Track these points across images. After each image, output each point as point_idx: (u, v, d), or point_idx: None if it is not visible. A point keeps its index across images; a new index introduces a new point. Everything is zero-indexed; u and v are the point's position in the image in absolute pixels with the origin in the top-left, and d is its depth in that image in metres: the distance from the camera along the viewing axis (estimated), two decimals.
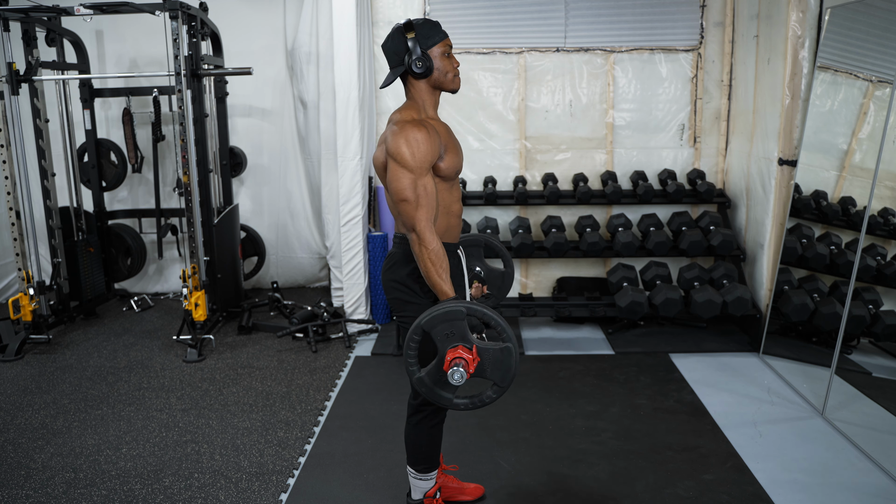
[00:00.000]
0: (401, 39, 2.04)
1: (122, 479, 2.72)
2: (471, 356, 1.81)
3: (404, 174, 1.96)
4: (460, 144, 2.17)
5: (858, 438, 2.91)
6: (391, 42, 2.06)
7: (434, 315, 1.82)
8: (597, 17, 4.69)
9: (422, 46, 2.03)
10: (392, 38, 2.06)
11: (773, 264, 3.94)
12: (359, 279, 4.46)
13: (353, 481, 2.69)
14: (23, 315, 4.21)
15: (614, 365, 3.85)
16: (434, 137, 1.99)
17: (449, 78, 2.09)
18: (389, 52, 2.08)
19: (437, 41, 2.06)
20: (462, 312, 1.81)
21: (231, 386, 3.64)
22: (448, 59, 2.08)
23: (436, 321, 1.82)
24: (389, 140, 1.99)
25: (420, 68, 2.03)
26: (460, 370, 1.78)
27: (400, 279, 2.13)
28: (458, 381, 1.78)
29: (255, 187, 5.38)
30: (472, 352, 1.82)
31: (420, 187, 1.95)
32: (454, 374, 1.78)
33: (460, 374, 1.78)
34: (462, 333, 1.82)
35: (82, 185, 4.90)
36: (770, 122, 3.94)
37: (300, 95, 4.98)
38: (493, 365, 1.85)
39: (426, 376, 1.89)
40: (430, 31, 2.05)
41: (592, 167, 4.86)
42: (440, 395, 1.90)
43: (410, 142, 1.95)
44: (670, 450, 2.89)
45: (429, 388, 1.89)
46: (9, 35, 4.15)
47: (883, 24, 3.28)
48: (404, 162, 1.95)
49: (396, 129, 1.99)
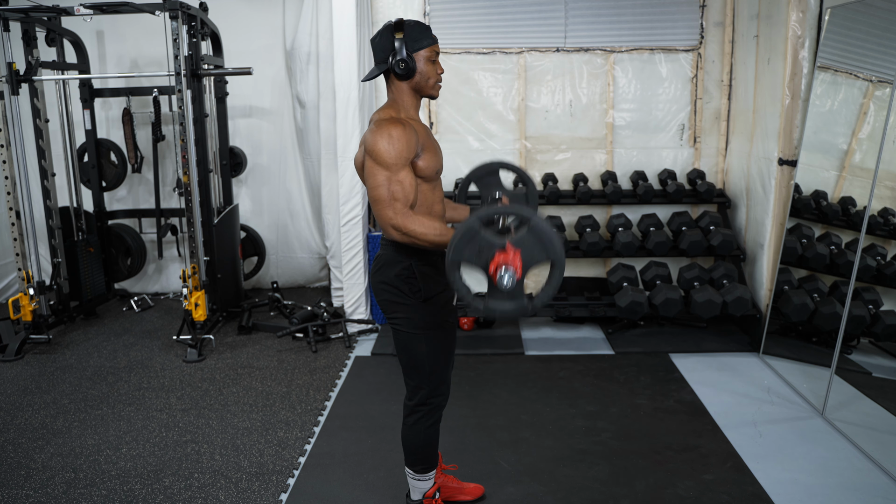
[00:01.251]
0: (388, 38, 2.03)
1: (122, 479, 2.72)
2: (508, 255, 1.75)
3: (379, 171, 1.95)
4: (440, 146, 2.17)
5: (858, 438, 2.91)
6: (379, 38, 2.06)
7: (454, 245, 1.77)
8: (597, 17, 4.69)
9: (408, 48, 2.02)
10: (381, 34, 2.06)
11: (773, 264, 3.94)
12: (359, 279, 4.46)
13: (353, 481, 2.69)
14: (23, 315, 4.21)
15: (614, 365, 3.85)
16: (411, 134, 1.98)
17: (430, 84, 2.09)
18: (376, 48, 2.08)
19: (425, 45, 2.05)
20: (476, 225, 1.76)
21: (231, 386, 3.64)
22: (433, 64, 2.08)
23: (460, 249, 1.77)
24: (367, 137, 1.99)
25: (402, 70, 2.03)
26: (508, 273, 1.73)
27: (388, 280, 2.12)
28: (509, 283, 1.73)
29: (255, 187, 5.38)
30: (506, 251, 1.76)
31: (395, 183, 1.95)
32: (503, 280, 1.73)
33: (510, 276, 1.73)
34: (489, 243, 1.77)
35: (82, 185, 4.90)
36: (770, 122, 3.94)
37: (298, 95, 4.98)
38: (535, 247, 1.78)
39: (489, 301, 1.80)
40: (419, 34, 2.05)
41: (592, 167, 4.86)
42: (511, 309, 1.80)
43: (385, 138, 1.94)
44: (670, 450, 2.89)
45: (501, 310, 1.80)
46: (9, 35, 4.15)
47: (883, 24, 3.28)
48: (379, 158, 1.95)
49: (373, 127, 2.00)
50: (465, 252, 1.77)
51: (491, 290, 1.79)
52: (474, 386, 3.57)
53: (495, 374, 3.74)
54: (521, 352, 4.05)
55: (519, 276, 1.75)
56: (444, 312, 2.16)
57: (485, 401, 3.39)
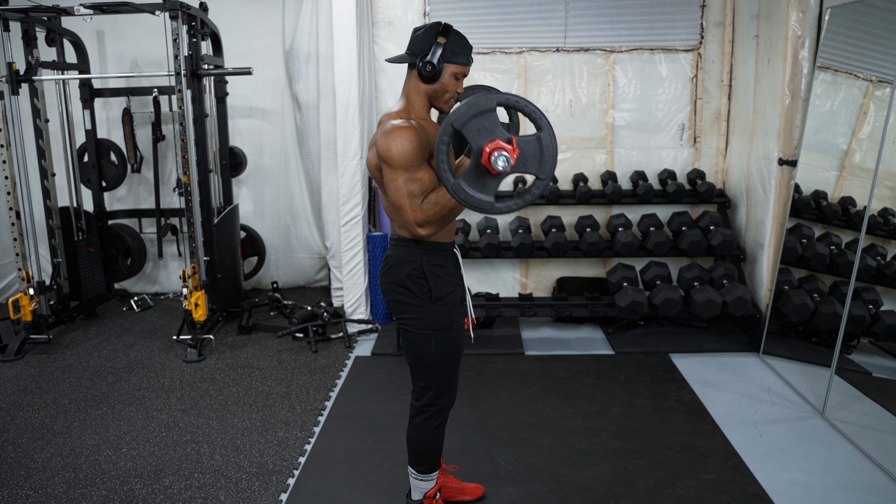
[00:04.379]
0: (431, 38, 2.02)
1: (122, 479, 2.72)
2: (510, 147, 1.73)
3: (397, 175, 1.95)
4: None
5: (858, 438, 2.91)
6: (423, 34, 2.05)
7: (462, 111, 1.73)
8: (597, 17, 4.69)
9: (443, 56, 2.02)
10: (426, 30, 2.04)
11: (773, 264, 3.94)
12: (359, 279, 4.46)
13: (353, 481, 2.69)
14: (23, 315, 4.21)
15: (614, 365, 3.85)
16: (422, 135, 1.98)
17: (445, 98, 2.09)
18: (415, 40, 2.06)
19: (459, 62, 2.05)
20: (492, 104, 1.74)
21: (231, 386, 3.64)
22: (456, 82, 2.08)
23: (466, 116, 1.74)
24: (380, 142, 1.99)
25: (428, 72, 2.02)
26: (504, 156, 1.70)
27: (398, 281, 2.13)
28: (503, 166, 1.70)
29: (256, 188, 5.38)
30: (511, 143, 1.73)
31: (411, 182, 1.94)
32: (498, 161, 1.70)
33: (504, 159, 1.70)
34: (495, 128, 1.74)
35: (82, 185, 4.90)
36: (770, 122, 3.94)
37: (298, 95, 4.98)
38: (533, 157, 1.76)
39: (463, 179, 1.77)
40: (460, 48, 2.04)
41: (592, 167, 4.86)
42: (479, 198, 1.78)
43: (398, 141, 1.94)
44: (670, 450, 2.89)
45: (467, 195, 1.78)
46: (9, 35, 4.15)
47: (883, 24, 3.28)
48: (394, 162, 1.94)
49: (385, 131, 1.99)
50: (469, 122, 1.74)
51: (471, 171, 1.77)
52: (474, 386, 3.57)
53: (495, 374, 3.74)
54: (521, 352, 4.05)
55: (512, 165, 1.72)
56: (454, 313, 2.16)
57: (485, 401, 3.39)
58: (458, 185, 1.78)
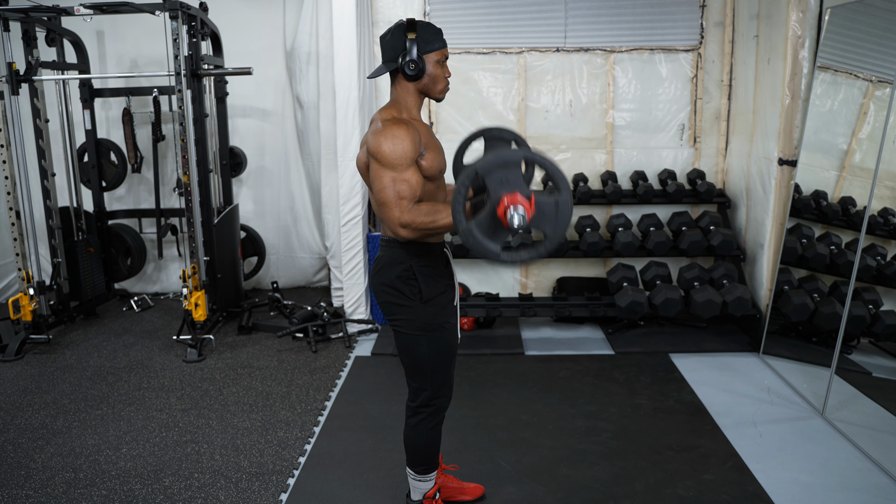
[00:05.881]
0: (400, 37, 2.02)
1: (122, 479, 2.72)
2: (528, 203, 1.74)
3: (385, 173, 1.94)
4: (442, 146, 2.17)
5: (858, 438, 2.91)
6: (390, 37, 2.05)
7: (489, 161, 1.75)
8: (597, 17, 4.69)
9: (419, 49, 2.02)
10: (392, 33, 2.05)
11: (773, 264, 3.94)
12: (359, 279, 4.46)
13: (353, 481, 2.69)
14: (23, 315, 4.21)
15: (614, 365, 3.85)
16: (414, 134, 1.97)
17: (438, 88, 2.09)
18: (386, 47, 2.07)
19: (436, 48, 2.06)
20: (519, 159, 1.75)
21: (231, 386, 3.64)
22: (441, 67, 2.08)
23: (491, 165, 1.75)
24: (370, 139, 1.98)
25: (412, 71, 2.02)
26: (521, 212, 1.71)
27: (388, 282, 2.12)
28: (518, 224, 1.71)
29: (257, 189, 5.38)
30: (528, 201, 1.74)
31: (400, 182, 1.94)
32: (514, 218, 1.71)
33: (520, 217, 1.71)
34: (517, 182, 1.75)
35: (82, 185, 4.90)
36: (770, 122, 3.94)
37: (298, 95, 4.98)
38: (547, 218, 1.77)
39: (475, 225, 1.78)
40: (431, 36, 2.04)
41: (592, 167, 4.86)
42: (487, 246, 1.79)
43: (390, 138, 1.94)
44: (670, 450, 2.89)
45: (476, 240, 1.78)
46: (9, 35, 4.15)
47: (883, 24, 3.28)
48: (384, 159, 1.94)
49: (376, 128, 1.99)
50: (493, 172, 1.75)
51: (489, 217, 1.78)
52: (474, 386, 3.57)
53: (495, 374, 3.74)
54: (521, 352, 4.05)
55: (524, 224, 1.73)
56: (445, 314, 2.16)
57: (485, 401, 3.39)
58: (470, 230, 1.78)
